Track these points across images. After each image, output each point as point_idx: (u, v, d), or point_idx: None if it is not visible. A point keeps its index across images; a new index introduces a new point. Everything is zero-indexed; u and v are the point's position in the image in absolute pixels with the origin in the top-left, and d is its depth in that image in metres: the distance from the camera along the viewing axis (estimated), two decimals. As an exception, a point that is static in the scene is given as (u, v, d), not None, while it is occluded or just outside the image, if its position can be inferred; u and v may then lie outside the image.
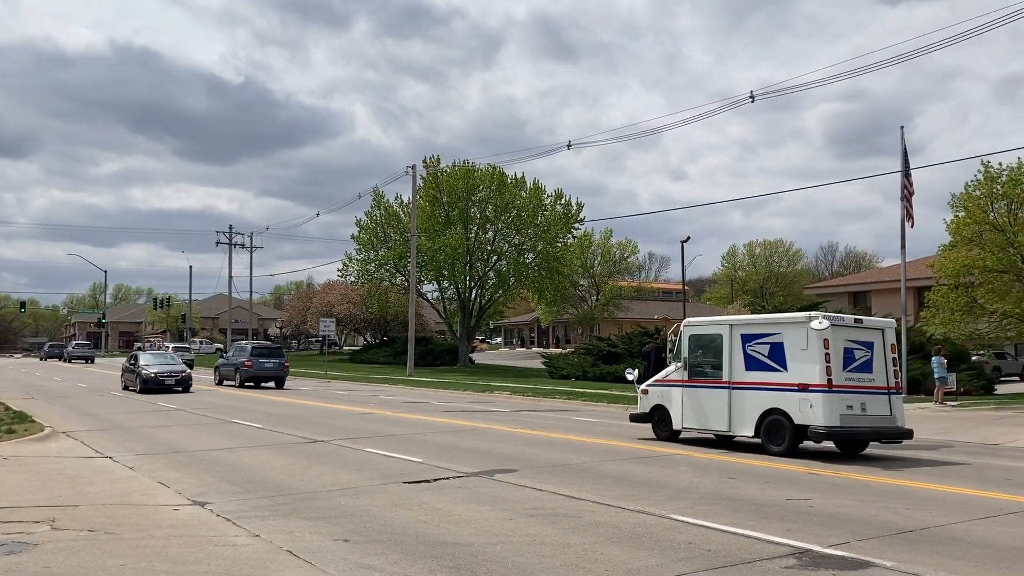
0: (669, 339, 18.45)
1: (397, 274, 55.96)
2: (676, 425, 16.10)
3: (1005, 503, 9.84)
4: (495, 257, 54.58)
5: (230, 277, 72.74)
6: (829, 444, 14.58)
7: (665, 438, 16.25)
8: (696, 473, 12.09)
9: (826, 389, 13.69)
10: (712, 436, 15.97)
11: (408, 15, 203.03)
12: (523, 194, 53.85)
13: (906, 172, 29.93)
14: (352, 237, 56.39)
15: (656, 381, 17.12)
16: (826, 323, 14.03)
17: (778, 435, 14.23)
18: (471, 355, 59.11)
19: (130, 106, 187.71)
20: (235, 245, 72.27)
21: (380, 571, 6.74)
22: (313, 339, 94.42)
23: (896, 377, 14.95)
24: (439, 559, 7.06)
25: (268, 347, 38.53)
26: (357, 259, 56.21)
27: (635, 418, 17.34)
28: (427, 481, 11.17)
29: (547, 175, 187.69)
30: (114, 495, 10.36)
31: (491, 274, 55.29)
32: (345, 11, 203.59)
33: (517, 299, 67.40)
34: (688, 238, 62.34)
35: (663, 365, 31.91)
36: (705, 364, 15.73)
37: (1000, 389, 33.47)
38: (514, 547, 7.49)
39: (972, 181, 31.54)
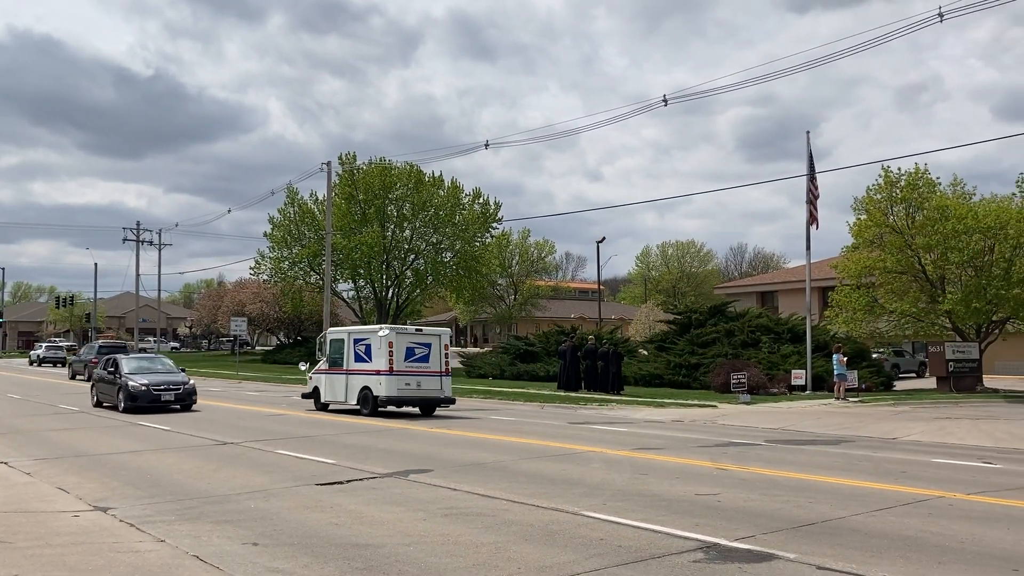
0: (319, 342, 25.46)
1: (312, 272, 55.07)
2: (323, 400, 23.68)
3: (901, 495, 10.26)
4: (412, 256, 54.23)
5: (137, 275, 70.56)
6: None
7: (319, 408, 23.68)
8: (609, 470, 12.26)
9: (388, 373, 21.50)
10: (341, 406, 23.08)
11: (324, 10, 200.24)
12: (441, 193, 53.64)
13: (811, 176, 30.95)
14: (265, 235, 55.25)
15: (316, 371, 24.48)
16: (389, 331, 22.13)
17: (367, 403, 21.93)
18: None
19: (31, 97, 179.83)
20: (143, 242, 70.15)
21: (290, 574, 6.63)
22: (224, 339, 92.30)
23: (447, 366, 22.83)
24: (351, 561, 6.99)
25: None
26: (270, 257, 55.10)
27: (305, 396, 24.83)
28: (340, 483, 11.04)
29: (466, 174, 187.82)
30: (8, 502, 9.93)
31: (408, 273, 54.91)
32: (259, 4, 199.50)
33: (435, 298, 67.19)
34: (603, 238, 63.40)
35: (578, 363, 32.51)
36: (337, 358, 23.32)
37: (899, 385, 34.88)
38: (427, 547, 7.47)
39: (873, 185, 32.86)
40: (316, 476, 11.58)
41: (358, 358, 22.47)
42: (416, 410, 22.84)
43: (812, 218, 30.85)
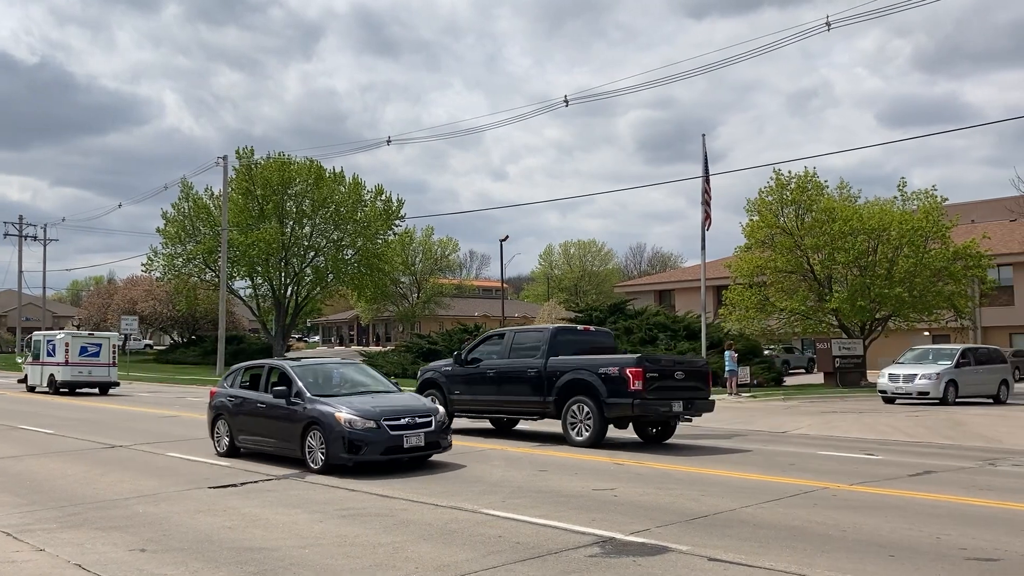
0: (31, 341, 34.33)
1: (207, 270, 53.57)
2: (29, 383, 32.45)
3: (789, 486, 10.64)
4: (312, 253, 53.37)
5: (20, 272, 67.36)
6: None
7: (28, 391, 32.28)
8: (509, 467, 12.32)
9: (64, 364, 30.47)
10: (42, 388, 31.37)
11: (222, 0, 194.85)
12: (342, 189, 52.96)
13: (706, 178, 31.80)
14: (158, 230, 53.50)
15: (26, 363, 33.15)
16: (65, 335, 31.78)
17: (51, 384, 30.94)
18: (287, 354, 57.52)
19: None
20: (26, 237, 67.04)
21: (179, 581, 6.43)
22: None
23: (114, 359, 32.13)
24: (243, 565, 6.83)
25: None
26: (163, 253, 53.35)
27: (19, 381, 34.09)
28: (235, 485, 10.77)
29: (370, 171, 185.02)
30: None
31: (308, 270, 54.00)
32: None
33: (336, 296, 66.26)
34: (507, 237, 63.78)
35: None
36: (38, 354, 31.73)
37: (788, 381, 36.21)
38: (323, 549, 7.36)
39: (765, 188, 34.00)
40: (210, 479, 11.26)
41: (48, 353, 31.11)
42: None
43: (706, 218, 31.72)
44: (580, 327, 18.50)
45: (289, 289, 54.14)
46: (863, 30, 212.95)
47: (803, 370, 45.76)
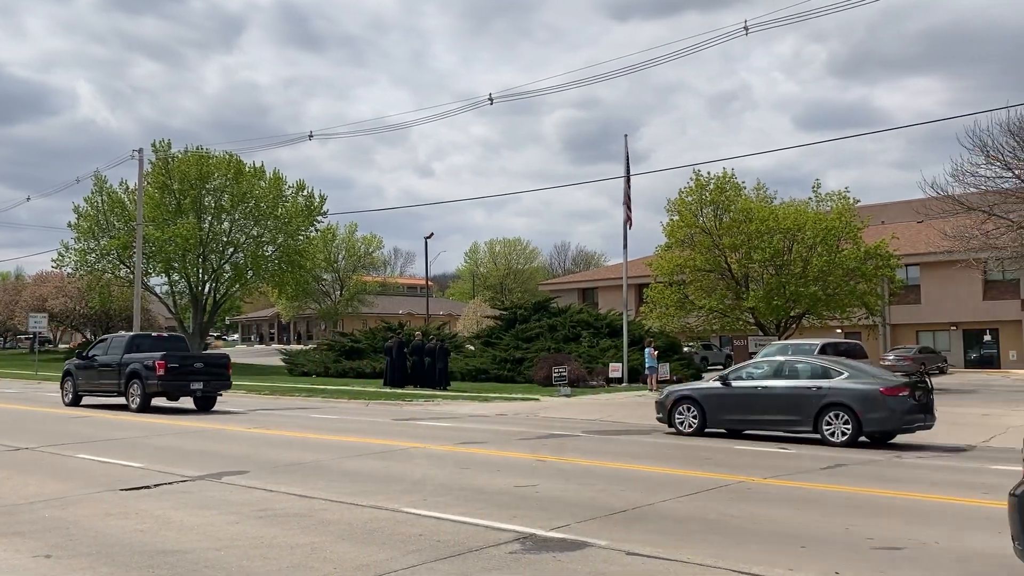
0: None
1: (121, 266, 51.89)
2: None
3: (706, 480, 10.86)
4: (232, 249, 52.17)
5: (-82, 267, 64.00)
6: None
7: None
8: (431, 465, 12.28)
9: None
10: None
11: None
12: (262, 184, 51.91)
13: (627, 178, 32.26)
14: (70, 225, 51.55)
15: None
16: None
17: None
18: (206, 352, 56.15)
19: None
20: (-75, 230, 63.77)
21: (86, 587, 6.22)
22: (22, 336, 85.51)
23: None
24: (155, 569, 6.64)
25: None
26: (75, 249, 51.42)
27: None
28: (147, 487, 10.47)
29: (292, 166, 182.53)
30: None
31: (227, 267, 52.79)
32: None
33: (256, 293, 64.98)
34: (432, 234, 63.51)
35: (405, 360, 32.36)
36: None
37: (707, 377, 36.87)
38: (239, 551, 7.21)
39: (685, 188, 34.62)
40: (121, 481, 10.92)
41: None
42: (241, 409, 22.02)
43: (627, 218, 32.19)
44: (155, 334, 26.80)
45: (207, 286, 52.86)
46: (780, 35, 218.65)
47: (721, 366, 46.73)
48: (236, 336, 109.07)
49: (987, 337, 49.31)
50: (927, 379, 16.05)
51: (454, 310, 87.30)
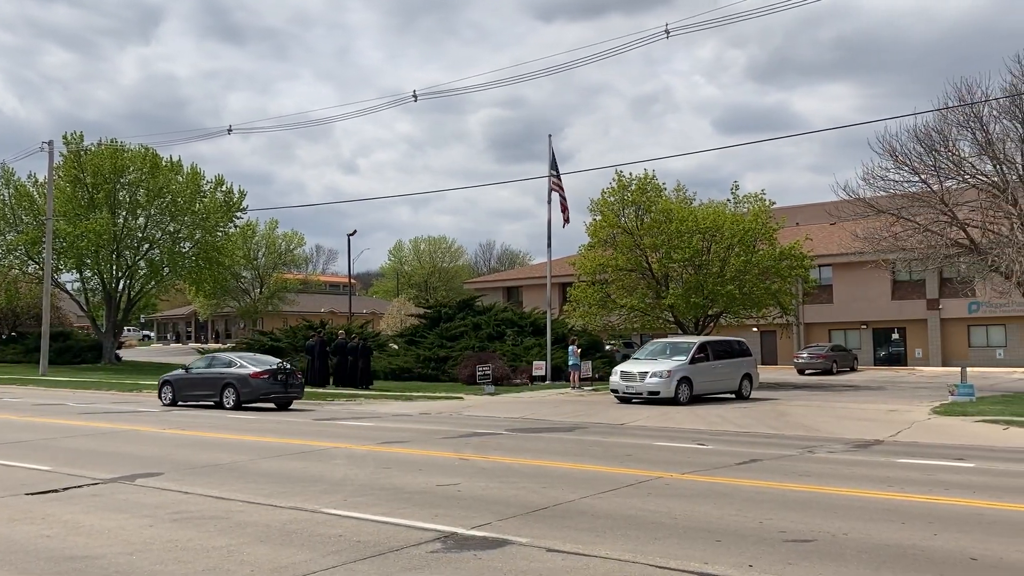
0: None
1: (30, 262, 49.97)
2: None
3: (626, 477, 11.02)
4: (147, 245, 50.72)
5: None
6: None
7: None
8: (352, 465, 12.16)
9: None
10: None
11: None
12: (179, 179, 50.60)
13: (555, 177, 32.55)
14: (-27, 219, 49.44)
15: None
16: None
17: None
18: (118, 352, 54.55)
19: None
20: None
21: (-12, 596, 5.98)
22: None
23: None
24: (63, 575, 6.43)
25: None
26: (-21, 244, 49.38)
27: None
28: (55, 491, 10.11)
29: (212, 160, 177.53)
30: None
31: (142, 263, 51.30)
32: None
33: (172, 291, 63.35)
34: (355, 231, 62.88)
35: (326, 359, 31.97)
36: None
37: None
38: (153, 555, 7.03)
39: (608, 188, 35.00)
40: (27, 484, 10.52)
41: None
42: (156, 409, 21.41)
43: (564, 216, 32.73)
44: None
45: (121, 283, 51.29)
46: (702, 40, 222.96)
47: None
48: (152, 334, 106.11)
49: (895, 335, 51.22)
50: (290, 367, 24.31)
51: (378, 308, 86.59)
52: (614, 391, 25.26)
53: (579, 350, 30.95)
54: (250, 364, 23.81)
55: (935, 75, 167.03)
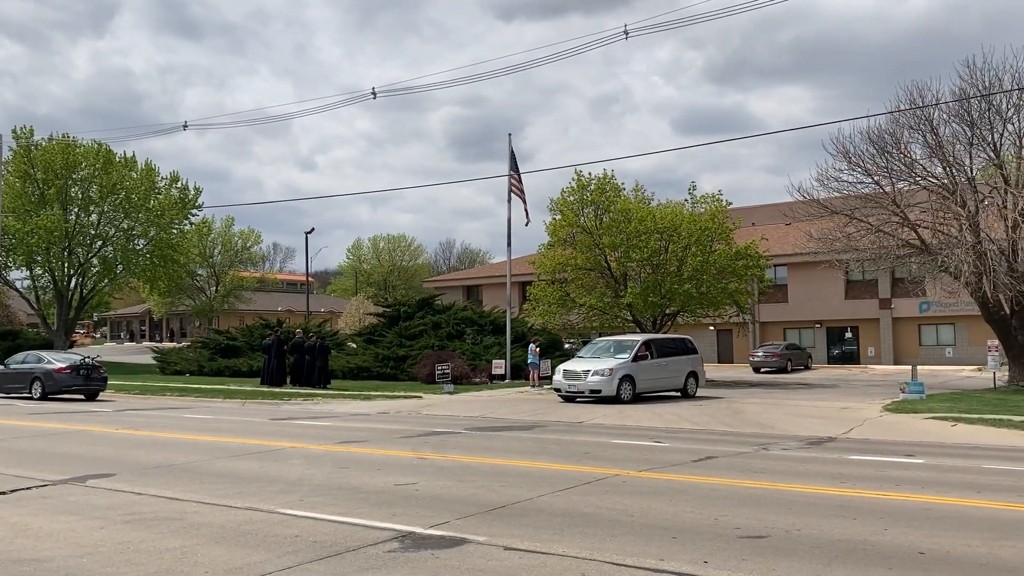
0: None
1: (-23, 259, 48.86)
2: None
3: (583, 474, 11.08)
4: (100, 242, 49.83)
5: None
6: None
7: None
8: (309, 465, 12.07)
9: None
10: None
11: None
12: (133, 175, 49.78)
13: (515, 175, 32.62)
14: (-82, 214, 48.13)
15: None
16: None
17: None
18: (71, 350, 53.48)
19: None
20: None
21: (-68, 601, 5.84)
22: None
23: None
24: (10, 580, 6.30)
25: None
26: (-76, 240, 48.09)
27: None
28: (2, 493, 9.89)
29: (167, 157, 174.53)
30: None
31: (95, 261, 50.40)
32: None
33: (126, 289, 62.28)
34: (312, 229, 62.26)
35: (284, 358, 31.67)
36: None
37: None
38: (104, 557, 6.91)
39: (567, 188, 35.16)
40: (-27, 488, 10.29)
41: None
42: (109, 409, 21.00)
43: (525, 215, 32.90)
44: None
45: (73, 281, 50.33)
46: (660, 42, 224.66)
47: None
48: (105, 333, 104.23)
49: (848, 334, 52.09)
50: (92, 363, 26.79)
51: (336, 307, 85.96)
52: (556, 390, 25.06)
53: (539, 349, 31.03)
54: (56, 361, 26.97)
55: (889, 79, 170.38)
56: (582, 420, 19.56)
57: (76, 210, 48.50)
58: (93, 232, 49.28)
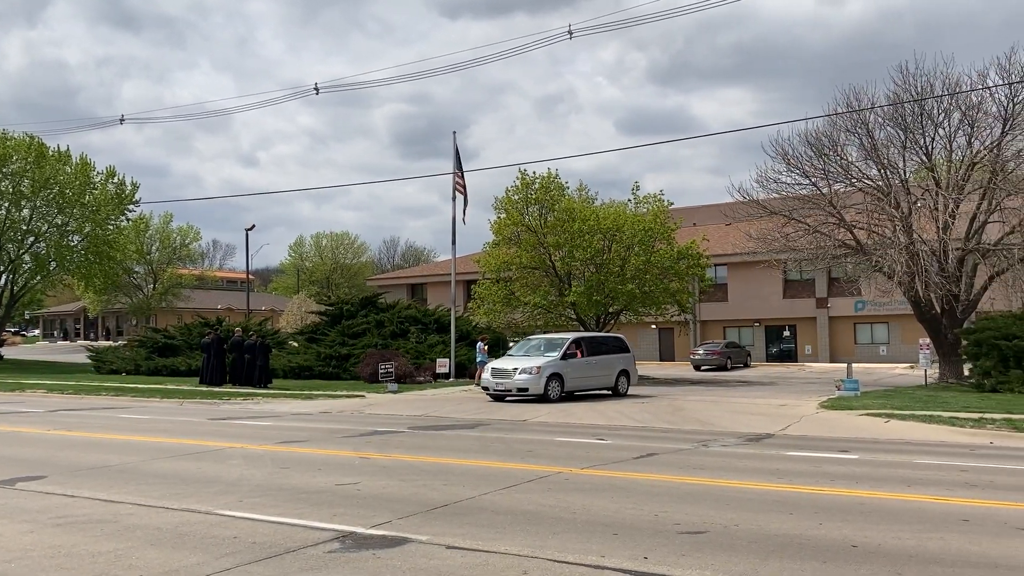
0: None
1: (-99, 255, 47.14)
2: None
3: (526, 472, 11.11)
4: (32, 238, 48.47)
5: None
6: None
7: None
8: (248, 465, 11.89)
9: None
10: None
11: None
12: (68, 169, 48.49)
13: (460, 173, 32.58)
14: None
15: None
16: None
17: None
18: (0, 350, 51.94)
19: None
20: None
21: None
22: None
23: None
24: (-66, 587, 6.09)
25: None
26: None
27: None
28: (-73, 497, 9.56)
29: (104, 151, 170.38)
30: None
31: (27, 257, 49.00)
32: None
33: (60, 286, 60.66)
34: (253, 226, 61.13)
35: (223, 357, 31.14)
36: None
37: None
38: (33, 562, 6.72)
39: (512, 187, 35.22)
40: None
41: None
42: (40, 409, 20.44)
43: (464, 210, 32.79)
44: None
45: (3, 278, 48.87)
46: (604, 42, 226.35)
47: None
48: (37, 332, 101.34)
49: (786, 333, 53.12)
50: None
51: (277, 305, 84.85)
52: (484, 388, 24.77)
53: (487, 347, 31.02)
54: None
55: (827, 82, 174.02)
56: (526, 418, 19.61)
57: (7, 205, 47.07)
58: (25, 228, 47.90)
